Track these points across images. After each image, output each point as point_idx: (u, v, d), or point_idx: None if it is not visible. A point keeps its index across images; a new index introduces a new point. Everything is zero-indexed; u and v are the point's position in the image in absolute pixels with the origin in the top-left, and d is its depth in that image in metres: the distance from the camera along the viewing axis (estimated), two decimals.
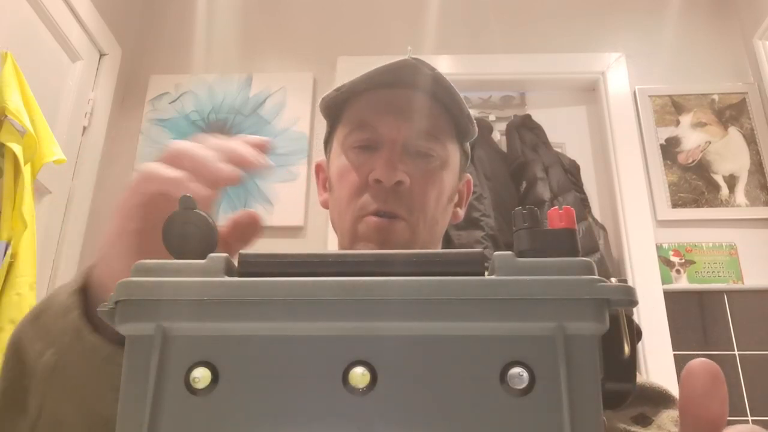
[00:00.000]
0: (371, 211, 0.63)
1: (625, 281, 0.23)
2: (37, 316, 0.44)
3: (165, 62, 2.22)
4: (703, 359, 0.25)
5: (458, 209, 0.74)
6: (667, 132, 2.03)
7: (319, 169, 0.77)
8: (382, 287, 0.23)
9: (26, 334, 0.44)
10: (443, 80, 0.66)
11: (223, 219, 0.41)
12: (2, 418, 0.42)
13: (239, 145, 0.40)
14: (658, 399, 0.54)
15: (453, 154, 0.70)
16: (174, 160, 0.38)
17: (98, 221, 1.96)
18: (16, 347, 0.44)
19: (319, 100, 0.72)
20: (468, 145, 0.74)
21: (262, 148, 0.41)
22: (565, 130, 2.13)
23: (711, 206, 1.93)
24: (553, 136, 2.05)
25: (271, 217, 1.93)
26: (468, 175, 0.76)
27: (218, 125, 2.10)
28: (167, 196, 0.36)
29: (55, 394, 0.41)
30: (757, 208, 1.91)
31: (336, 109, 0.72)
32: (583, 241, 1.77)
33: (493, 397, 0.22)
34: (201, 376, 0.22)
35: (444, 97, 0.68)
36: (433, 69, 0.65)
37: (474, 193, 1.85)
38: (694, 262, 1.86)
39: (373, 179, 0.63)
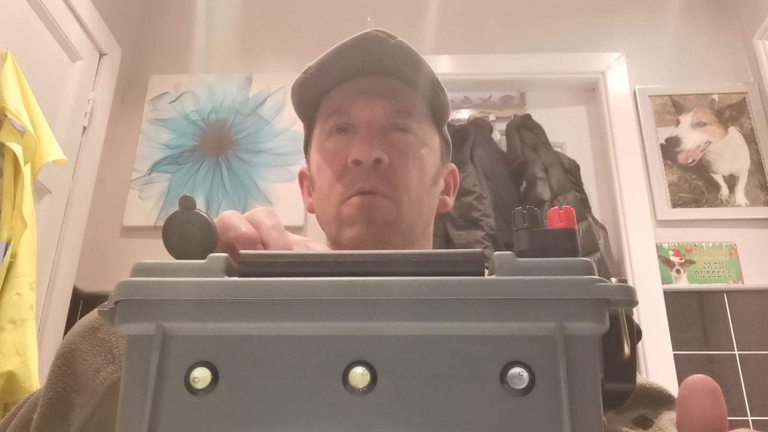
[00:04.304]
0: (353, 193, 0.62)
1: (625, 281, 0.23)
2: (95, 330, 0.44)
3: (165, 62, 2.22)
4: (700, 376, 0.25)
5: (447, 198, 0.73)
6: (667, 132, 2.03)
7: (302, 176, 0.75)
8: (382, 287, 0.23)
9: (81, 347, 0.44)
10: (411, 52, 0.64)
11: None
12: (43, 428, 0.42)
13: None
14: (659, 400, 0.54)
15: (431, 134, 0.69)
16: (252, 220, 0.41)
17: (98, 221, 1.96)
18: (68, 359, 0.44)
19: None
20: (447, 132, 0.73)
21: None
22: (565, 130, 2.13)
23: (711, 206, 1.93)
24: (553, 136, 2.04)
25: None
26: (452, 164, 0.75)
27: (218, 125, 2.10)
28: (234, 248, 0.39)
29: (108, 407, 0.42)
30: (757, 208, 1.91)
31: (311, 109, 0.70)
32: (583, 241, 1.77)
33: (493, 397, 0.22)
34: (201, 376, 0.22)
35: (417, 81, 0.67)
36: (395, 37, 0.64)
37: (474, 193, 1.85)
38: (694, 262, 1.86)
39: (352, 160, 0.62)
